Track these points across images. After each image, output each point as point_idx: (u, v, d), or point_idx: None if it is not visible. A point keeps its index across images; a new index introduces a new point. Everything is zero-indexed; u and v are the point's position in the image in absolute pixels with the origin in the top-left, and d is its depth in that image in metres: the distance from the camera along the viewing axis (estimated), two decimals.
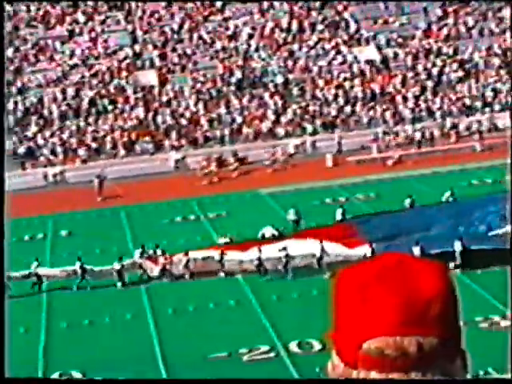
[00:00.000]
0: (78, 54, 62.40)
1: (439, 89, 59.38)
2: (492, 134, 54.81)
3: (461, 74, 60.06)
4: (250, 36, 63.37)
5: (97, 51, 62.81)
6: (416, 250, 34.80)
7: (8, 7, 64.14)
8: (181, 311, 32.04)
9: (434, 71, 60.39)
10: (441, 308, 2.10)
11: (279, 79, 60.08)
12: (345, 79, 60.14)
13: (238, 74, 60.42)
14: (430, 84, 59.61)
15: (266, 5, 65.83)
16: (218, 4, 65.81)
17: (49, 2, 67.76)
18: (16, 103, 59.07)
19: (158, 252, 37.12)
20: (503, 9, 64.21)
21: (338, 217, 41.27)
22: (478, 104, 57.81)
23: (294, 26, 63.96)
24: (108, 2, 65.94)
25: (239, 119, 57.81)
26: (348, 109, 58.23)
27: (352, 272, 2.17)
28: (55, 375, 27.28)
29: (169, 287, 34.79)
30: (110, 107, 59.00)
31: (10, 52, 62.22)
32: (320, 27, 63.99)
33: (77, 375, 27.16)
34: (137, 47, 63.20)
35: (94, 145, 56.45)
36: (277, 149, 54.08)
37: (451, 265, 33.50)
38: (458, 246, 35.66)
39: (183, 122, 57.78)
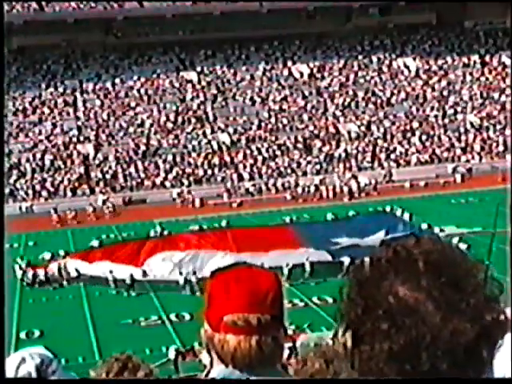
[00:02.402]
0: (44, 133, 61.31)
1: (267, 161, 59.42)
2: (297, 189, 55.04)
3: (278, 152, 60.25)
4: (151, 125, 62.78)
5: (55, 131, 61.81)
6: (346, 260, 28.98)
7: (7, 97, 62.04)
8: (105, 295, 31.63)
9: (263, 150, 60.57)
10: (272, 298, 2.16)
11: (169, 153, 59.82)
12: (208, 153, 60.00)
13: (143, 148, 60.05)
14: (260, 158, 59.87)
15: (154, 99, 65.06)
16: (132, 104, 64.69)
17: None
18: (3, 162, 56.91)
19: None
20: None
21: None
22: (289, 171, 58.51)
23: (180, 119, 63.57)
24: (64, 102, 64.56)
25: (143, 175, 57.48)
26: (210, 171, 58.21)
27: (220, 275, 2.21)
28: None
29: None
30: (62, 166, 58.06)
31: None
32: (193, 120, 63.52)
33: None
34: (81, 129, 62.19)
35: (51, 189, 55.68)
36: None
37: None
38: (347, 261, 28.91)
39: (107, 176, 57.26)
